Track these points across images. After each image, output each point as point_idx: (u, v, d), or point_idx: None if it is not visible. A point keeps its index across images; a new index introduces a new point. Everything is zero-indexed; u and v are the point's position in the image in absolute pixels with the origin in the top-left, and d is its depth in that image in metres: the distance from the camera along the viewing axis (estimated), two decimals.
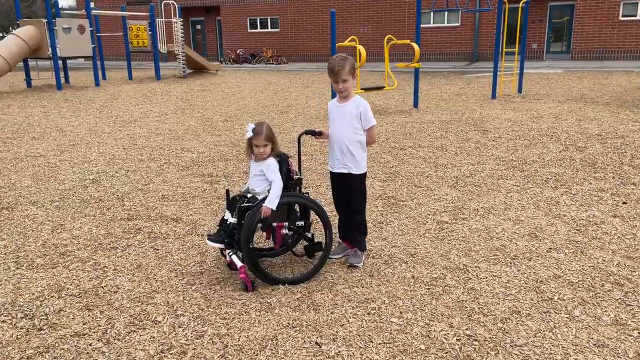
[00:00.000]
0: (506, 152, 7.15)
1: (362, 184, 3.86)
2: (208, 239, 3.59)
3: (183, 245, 4.27)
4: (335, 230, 4.03)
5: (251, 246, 3.42)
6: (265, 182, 3.56)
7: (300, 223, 3.60)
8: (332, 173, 3.89)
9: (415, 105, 11.09)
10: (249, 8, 29.87)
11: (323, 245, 3.68)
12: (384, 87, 10.44)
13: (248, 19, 30.18)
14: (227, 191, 3.83)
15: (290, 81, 18.35)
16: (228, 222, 3.61)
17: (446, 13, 25.05)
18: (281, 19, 29.18)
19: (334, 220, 4.20)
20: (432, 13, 24.94)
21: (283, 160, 3.64)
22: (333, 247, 3.93)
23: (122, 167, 6.86)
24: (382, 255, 3.99)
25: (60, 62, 16.95)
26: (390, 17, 26.38)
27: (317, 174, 6.38)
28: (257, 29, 30.26)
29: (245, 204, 3.52)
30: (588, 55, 22.80)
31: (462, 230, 4.48)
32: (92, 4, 33.02)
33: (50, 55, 15.51)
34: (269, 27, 29.92)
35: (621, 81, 14.96)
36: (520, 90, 12.96)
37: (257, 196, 3.57)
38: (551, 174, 6.06)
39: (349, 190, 3.82)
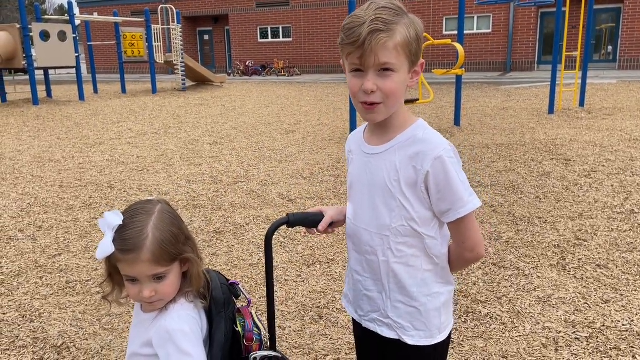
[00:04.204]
0: (614, 196, 4.73)
1: None
2: None
3: None
4: None
5: None
6: None
7: None
8: (354, 323, 1.50)
9: (457, 123, 8.68)
10: (260, 16, 27.75)
11: None
12: (418, 99, 8.08)
13: (258, 28, 28.05)
14: None
15: (301, 94, 16.07)
16: None
17: (476, 18, 22.63)
18: (294, 28, 26.98)
19: None
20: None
21: (218, 303, 1.31)
22: None
23: (36, 219, 4.58)
24: None
25: (42, 73, 15.08)
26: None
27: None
28: (268, 38, 28.10)
29: None
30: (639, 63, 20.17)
31: None
32: (96, 13, 31.34)
33: (25, 65, 13.45)
34: (281, 36, 27.71)
35: None
36: (582, 104, 10.50)
37: None
38: None
39: None
